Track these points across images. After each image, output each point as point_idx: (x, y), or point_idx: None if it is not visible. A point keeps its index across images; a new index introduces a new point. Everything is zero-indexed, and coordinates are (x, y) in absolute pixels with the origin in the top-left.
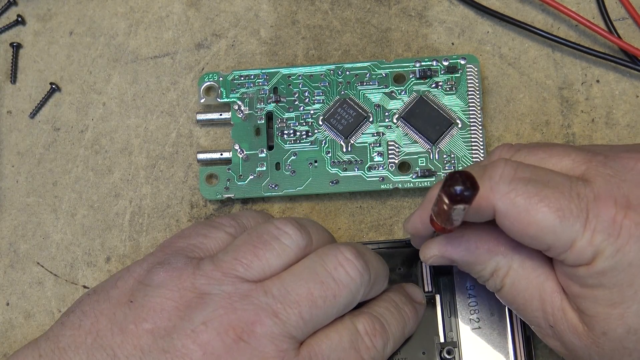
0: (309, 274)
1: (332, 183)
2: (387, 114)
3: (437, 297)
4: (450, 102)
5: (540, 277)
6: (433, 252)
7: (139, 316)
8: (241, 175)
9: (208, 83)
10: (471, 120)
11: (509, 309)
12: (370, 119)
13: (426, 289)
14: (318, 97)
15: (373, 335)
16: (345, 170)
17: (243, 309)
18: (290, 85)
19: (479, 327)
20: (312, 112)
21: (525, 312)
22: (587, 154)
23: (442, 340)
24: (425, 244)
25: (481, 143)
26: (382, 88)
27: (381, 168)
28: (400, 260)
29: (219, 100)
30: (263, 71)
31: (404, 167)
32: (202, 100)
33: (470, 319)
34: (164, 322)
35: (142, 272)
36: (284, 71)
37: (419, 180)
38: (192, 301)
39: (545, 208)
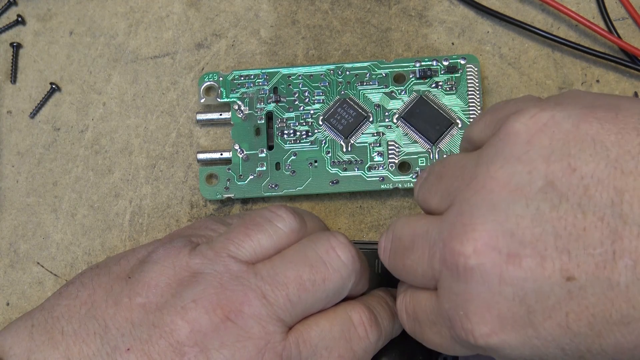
0: (299, 257)
1: (332, 183)
2: (387, 114)
3: None
4: (450, 102)
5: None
6: None
7: (134, 290)
8: (241, 175)
9: (208, 83)
10: (471, 120)
11: None
12: (370, 119)
13: None
14: (318, 97)
15: (369, 326)
16: (345, 170)
17: (232, 289)
18: (290, 85)
19: None
20: (312, 112)
21: None
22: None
23: None
24: None
25: None
26: (382, 88)
27: (381, 168)
28: None
29: (219, 100)
30: (263, 71)
31: (404, 167)
32: (202, 100)
33: None
34: (156, 298)
35: (146, 253)
36: (284, 71)
37: None
38: (184, 279)
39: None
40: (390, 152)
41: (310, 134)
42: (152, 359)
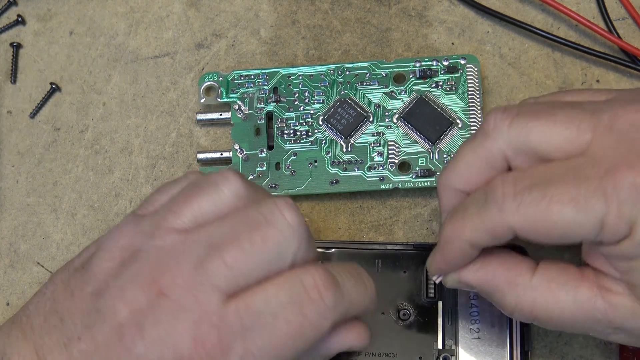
0: (240, 218)
1: (332, 183)
2: (387, 114)
3: (440, 304)
4: (450, 102)
5: (572, 292)
6: (451, 277)
7: (84, 280)
8: None
9: (208, 83)
10: (471, 120)
11: (509, 322)
12: (370, 119)
13: (429, 295)
14: (318, 97)
15: (324, 288)
16: (345, 170)
17: (167, 262)
18: (290, 85)
19: (478, 338)
20: (312, 112)
21: (575, 328)
22: (591, 119)
23: (440, 347)
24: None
25: None
26: (382, 88)
27: (381, 168)
28: (406, 263)
29: (219, 100)
30: (263, 71)
31: (404, 167)
32: (202, 100)
33: (470, 329)
34: (101, 284)
35: (102, 240)
36: (284, 71)
37: (419, 180)
38: (126, 260)
39: (558, 206)
40: (390, 152)
41: (310, 134)
42: (98, 344)
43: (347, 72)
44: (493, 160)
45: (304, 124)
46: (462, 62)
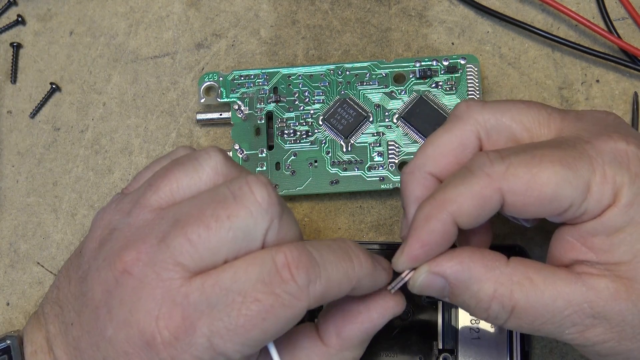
0: (209, 195)
1: (332, 183)
2: (387, 113)
3: (440, 304)
4: (450, 102)
5: (550, 277)
6: (423, 270)
7: (78, 265)
8: None
9: (208, 83)
10: None
11: None
12: (370, 119)
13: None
14: (318, 97)
15: (295, 267)
16: (345, 170)
17: (135, 238)
18: (290, 85)
19: (478, 338)
20: (312, 112)
21: (553, 322)
22: (560, 111)
23: (440, 347)
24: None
25: None
26: (382, 88)
27: (381, 168)
28: None
29: (219, 100)
30: (263, 71)
31: (404, 167)
32: (202, 100)
33: (470, 329)
34: (85, 266)
35: None
36: (284, 71)
37: None
38: (104, 239)
39: (548, 164)
40: (390, 152)
41: (310, 134)
42: (83, 328)
43: (347, 72)
44: (467, 140)
45: (304, 124)
46: (462, 62)
